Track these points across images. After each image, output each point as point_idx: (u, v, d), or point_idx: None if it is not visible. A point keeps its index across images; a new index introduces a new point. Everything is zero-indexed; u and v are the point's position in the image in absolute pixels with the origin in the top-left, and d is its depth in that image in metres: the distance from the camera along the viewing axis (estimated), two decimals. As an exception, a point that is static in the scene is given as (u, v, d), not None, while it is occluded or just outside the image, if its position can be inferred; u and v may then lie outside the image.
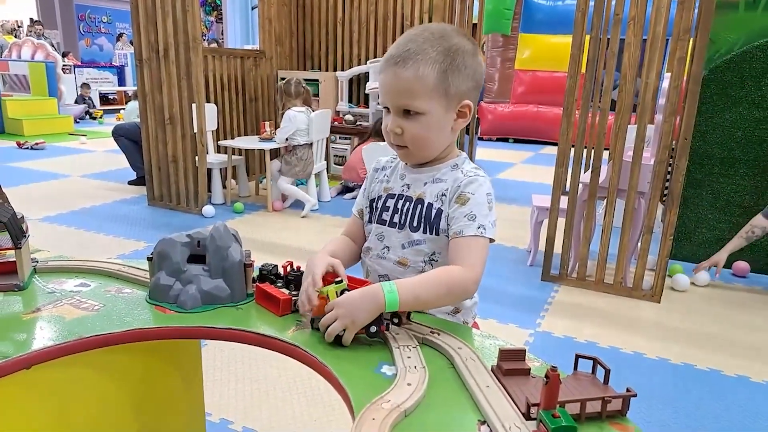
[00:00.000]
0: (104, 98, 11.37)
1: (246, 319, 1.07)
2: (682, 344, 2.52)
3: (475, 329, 1.08)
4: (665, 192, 3.30)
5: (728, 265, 3.41)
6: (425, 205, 1.12)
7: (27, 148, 7.22)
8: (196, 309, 1.09)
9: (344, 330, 0.94)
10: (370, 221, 1.23)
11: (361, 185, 5.02)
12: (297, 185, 5.02)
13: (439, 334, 1.00)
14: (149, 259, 1.15)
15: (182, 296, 1.10)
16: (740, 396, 2.13)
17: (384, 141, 1.18)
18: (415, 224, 1.13)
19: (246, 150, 5.05)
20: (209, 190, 4.63)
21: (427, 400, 0.82)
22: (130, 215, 4.40)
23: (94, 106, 10.73)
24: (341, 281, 1.01)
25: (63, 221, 4.17)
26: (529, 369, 0.87)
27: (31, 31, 12.33)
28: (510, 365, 0.87)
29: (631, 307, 2.92)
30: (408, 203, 1.15)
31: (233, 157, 4.73)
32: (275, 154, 4.90)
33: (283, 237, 3.86)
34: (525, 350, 0.89)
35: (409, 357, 0.92)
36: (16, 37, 12.48)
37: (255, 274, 1.19)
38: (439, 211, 1.10)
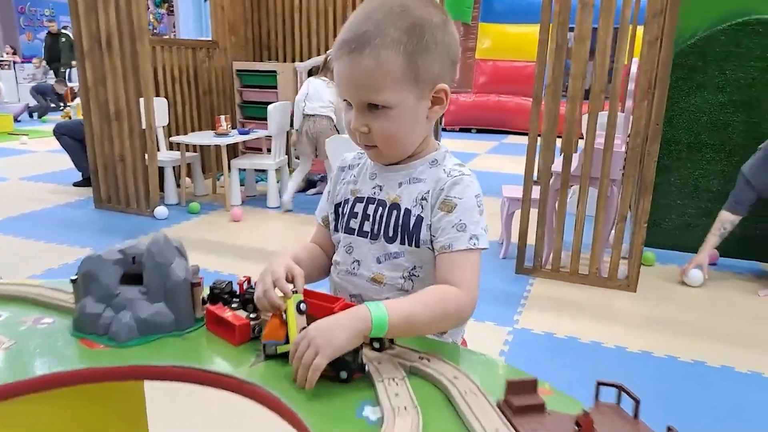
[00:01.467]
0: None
1: (194, 352, 0.88)
2: (662, 334, 2.46)
3: (465, 348, 0.92)
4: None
5: (692, 250, 3.40)
6: (402, 211, 0.95)
7: (-39, 149, 6.71)
8: (132, 341, 0.89)
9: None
10: (336, 230, 1.04)
11: (323, 175, 4.78)
12: (256, 181, 4.78)
13: (429, 360, 0.84)
14: (73, 282, 0.95)
15: (114, 326, 0.90)
16: (726, 387, 2.07)
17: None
18: (390, 234, 0.96)
19: (201, 146, 4.77)
20: (162, 190, 4.35)
21: (424, 453, 0.66)
22: (75, 220, 4.08)
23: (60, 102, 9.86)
24: (296, 292, 0.84)
25: (-1, 229, 3.83)
26: (544, 404, 0.72)
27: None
28: (521, 400, 0.71)
29: (607, 297, 2.85)
30: (381, 208, 0.97)
31: (187, 154, 4.45)
32: (232, 149, 4.66)
33: (244, 238, 3.64)
34: (536, 380, 0.74)
35: (396, 394, 0.75)
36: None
37: (205, 293, 1.00)
38: (419, 219, 0.93)
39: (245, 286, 0.97)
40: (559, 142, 2.92)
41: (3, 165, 5.97)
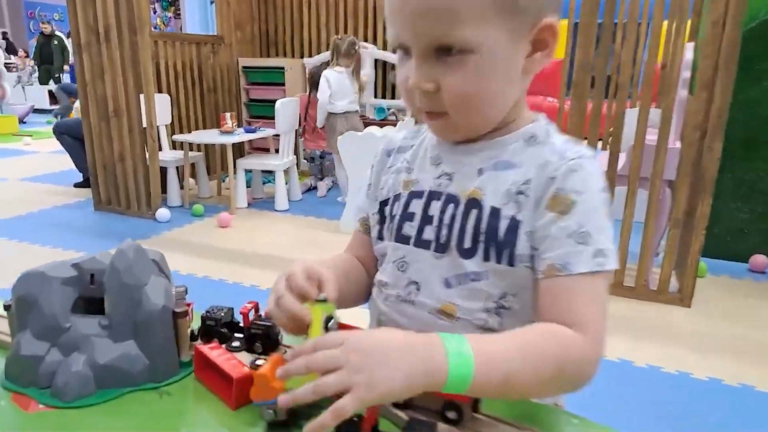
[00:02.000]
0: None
1: (176, 418, 0.59)
2: (729, 358, 2.14)
3: (580, 418, 0.63)
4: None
5: (745, 259, 3.07)
6: (485, 211, 0.65)
7: (-39, 150, 6.49)
8: (86, 399, 0.61)
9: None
10: (381, 237, 0.75)
11: (326, 153, 4.39)
12: (263, 183, 4.51)
13: (532, 441, 0.55)
14: (6, 309, 0.67)
15: (62, 376, 0.62)
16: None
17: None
18: (467, 244, 0.65)
19: (206, 146, 4.51)
20: (164, 192, 4.07)
21: None
22: (73, 222, 3.82)
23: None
24: (325, 300, 0.57)
25: (-8, 232, 3.58)
26: None
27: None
28: None
29: (659, 313, 2.53)
30: (452, 207, 0.67)
31: (191, 153, 4.18)
32: (238, 149, 4.39)
33: (252, 243, 3.36)
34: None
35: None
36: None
37: (196, 325, 0.71)
38: (515, 224, 0.64)
39: (251, 316, 0.69)
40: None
41: (4, 166, 5.74)
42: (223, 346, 0.66)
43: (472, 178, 0.67)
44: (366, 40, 4.86)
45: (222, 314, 0.71)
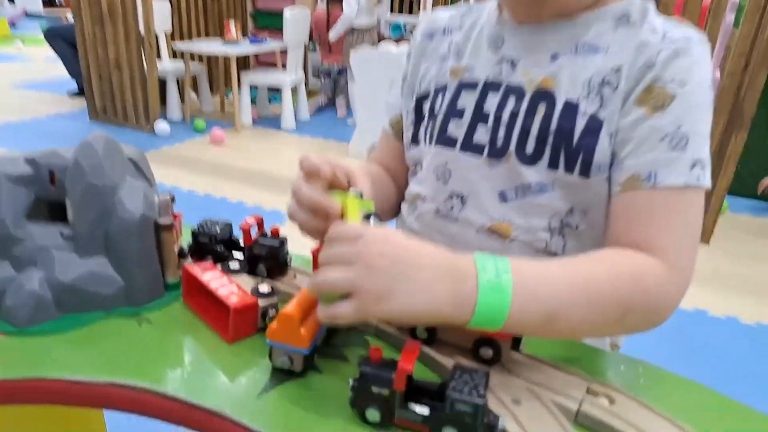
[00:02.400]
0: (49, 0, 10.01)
1: (158, 353, 0.47)
2: (746, 296, 2.07)
3: (658, 368, 0.51)
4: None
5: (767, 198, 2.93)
6: (559, 105, 0.51)
7: (-49, 54, 6.20)
8: (45, 325, 0.49)
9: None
10: (415, 140, 0.60)
11: (344, 69, 4.21)
12: (269, 101, 4.29)
13: (611, 401, 0.43)
14: (-52, 212, 0.53)
15: (12, 296, 0.49)
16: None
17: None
18: (531, 149, 0.52)
19: (208, 57, 4.24)
20: (163, 104, 3.87)
21: None
22: (67, 133, 3.65)
23: None
24: (360, 195, 0.46)
25: (-18, 139, 3.43)
26: None
27: None
28: None
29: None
30: (513, 100, 0.53)
31: (192, 64, 3.93)
32: (242, 62, 4.13)
33: (255, 162, 3.20)
34: None
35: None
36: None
37: (186, 241, 0.58)
38: (596, 123, 0.49)
39: (253, 233, 0.55)
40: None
41: (-5, 72, 5.50)
42: (219, 266, 0.53)
43: (543, 65, 0.52)
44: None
45: (218, 229, 0.57)
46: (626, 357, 0.51)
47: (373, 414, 0.39)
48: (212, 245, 0.57)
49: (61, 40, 4.38)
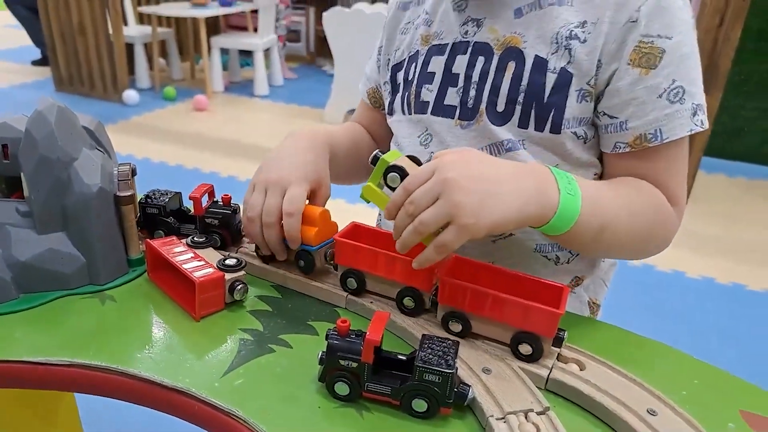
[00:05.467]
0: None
1: (121, 332, 0.46)
2: (723, 257, 2.11)
3: (629, 333, 0.51)
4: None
5: (742, 158, 2.99)
6: (527, 61, 0.50)
7: None
8: (3, 307, 0.47)
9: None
10: (392, 109, 0.60)
11: None
12: (241, 66, 4.17)
13: (581, 367, 0.43)
14: None
15: (-31, 276, 0.47)
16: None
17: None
18: (501, 106, 0.51)
19: (177, 21, 4.09)
20: (132, 72, 3.74)
21: None
22: (31, 103, 3.47)
23: None
24: (377, 157, 0.45)
25: (-58, 111, 3.28)
26: None
27: None
28: None
29: (654, 211, 2.47)
30: (482, 59, 0.52)
31: (160, 29, 3.79)
32: (213, 26, 4.00)
33: (228, 131, 3.13)
34: None
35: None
36: None
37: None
38: (566, 78, 0.49)
39: (205, 201, 0.54)
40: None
41: (-48, 39, 5.24)
42: (185, 241, 0.52)
43: (509, 22, 0.52)
44: None
45: (167, 199, 0.55)
46: (600, 322, 0.52)
47: (342, 387, 0.39)
48: (162, 216, 0.55)
49: (21, 5, 4.18)
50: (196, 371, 0.41)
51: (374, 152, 0.45)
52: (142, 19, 3.93)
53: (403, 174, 0.43)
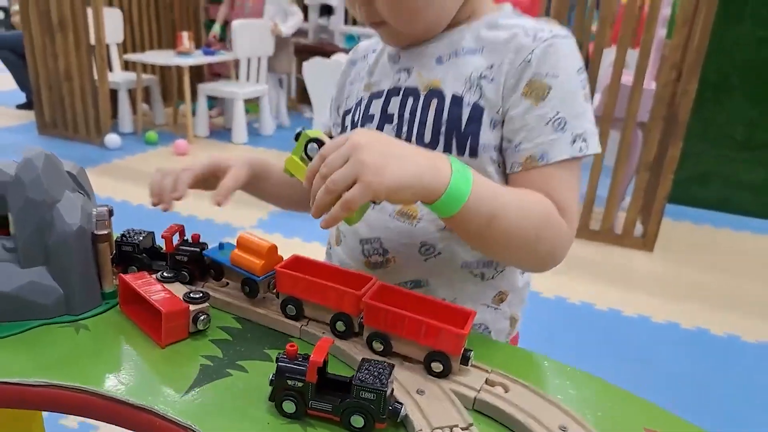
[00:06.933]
0: (5, 8, 9.62)
1: (94, 357, 0.50)
2: (688, 303, 2.17)
3: (556, 362, 0.57)
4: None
5: (707, 206, 3.12)
6: (447, 99, 0.60)
7: None
8: (-16, 334, 0.51)
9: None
10: None
11: None
12: (209, 107, 4.24)
13: (506, 389, 0.48)
14: None
15: (-46, 307, 0.51)
16: (765, 366, 1.80)
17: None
18: (428, 137, 0.61)
19: (161, 68, 4.21)
20: (115, 117, 3.82)
21: None
22: (16, 146, 3.54)
23: None
24: (299, 133, 0.53)
25: None
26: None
27: None
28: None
29: (623, 257, 2.54)
30: (411, 100, 0.62)
31: (144, 75, 3.90)
32: (196, 72, 4.12)
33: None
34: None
35: (462, 464, 0.40)
36: None
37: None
38: (478, 111, 0.59)
39: (175, 240, 0.59)
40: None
41: (-64, 82, 5.28)
42: (155, 276, 0.57)
43: (432, 69, 0.62)
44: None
45: (141, 238, 0.61)
46: (530, 352, 0.57)
47: (289, 405, 0.43)
48: (135, 253, 0.60)
49: (9, 51, 4.27)
50: (159, 392, 0.46)
51: (298, 129, 0.52)
52: (126, 65, 4.04)
53: (320, 145, 0.50)
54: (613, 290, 2.24)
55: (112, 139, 3.50)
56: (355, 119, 0.66)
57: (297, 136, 0.51)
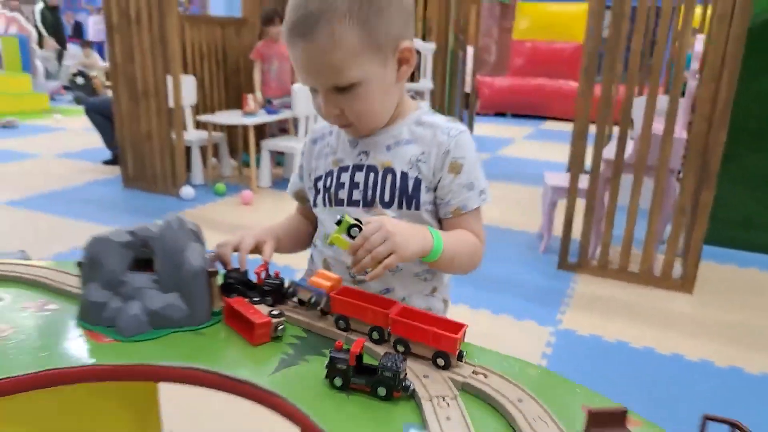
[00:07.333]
0: (85, 74, 10.75)
1: (210, 351, 0.76)
2: (723, 342, 2.23)
3: (526, 362, 0.77)
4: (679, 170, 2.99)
5: (751, 248, 3.16)
6: (397, 175, 0.91)
7: (-3, 126, 6.78)
8: (141, 336, 0.78)
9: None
10: (316, 204, 0.99)
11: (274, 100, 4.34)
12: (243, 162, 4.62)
13: (486, 376, 0.70)
14: (79, 265, 0.84)
15: (121, 318, 0.78)
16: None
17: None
18: (387, 199, 0.91)
19: (228, 126, 4.68)
20: (188, 170, 4.27)
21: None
22: (103, 198, 4.04)
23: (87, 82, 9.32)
24: (342, 218, 0.78)
25: (29, 205, 3.81)
26: (636, 440, 0.58)
27: (5, 5, 11.67)
28: (607, 435, 0.57)
29: (661, 298, 2.63)
30: (372, 174, 0.92)
31: (214, 133, 4.36)
32: (259, 130, 4.55)
33: (274, 221, 3.52)
34: (625, 411, 0.59)
35: (448, 418, 0.62)
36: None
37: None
38: (418, 182, 0.91)
39: (263, 275, 0.85)
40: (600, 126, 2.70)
41: (37, 142, 6.00)
42: (248, 300, 0.82)
43: (383, 153, 0.91)
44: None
45: (240, 275, 0.87)
46: (505, 354, 0.77)
47: (338, 380, 0.67)
48: (235, 285, 0.86)
49: (98, 114, 4.86)
50: (253, 372, 0.70)
51: (338, 216, 0.78)
52: (198, 125, 4.52)
53: (360, 228, 0.76)
54: (648, 329, 2.34)
55: (186, 191, 3.93)
56: (327, 185, 0.95)
57: (339, 222, 0.78)
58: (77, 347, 0.76)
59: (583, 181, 2.79)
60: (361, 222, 0.77)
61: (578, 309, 2.51)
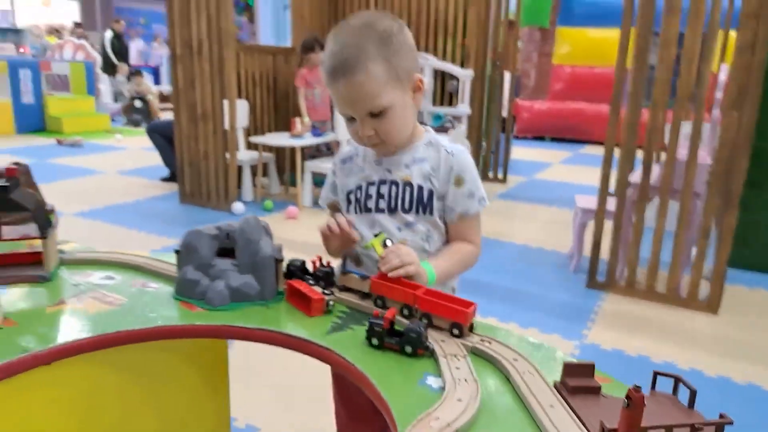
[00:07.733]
0: (141, 98, 11.49)
1: (276, 319, 0.98)
2: (744, 361, 2.31)
3: (525, 337, 0.96)
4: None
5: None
6: (415, 187, 1.13)
7: (66, 145, 7.36)
8: (224, 307, 1.00)
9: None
10: (348, 212, 1.21)
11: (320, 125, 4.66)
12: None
13: (490, 343, 0.89)
14: (177, 252, 1.07)
15: (210, 293, 1.01)
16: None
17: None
18: (407, 207, 1.13)
19: (276, 147, 5.00)
20: (239, 188, 4.59)
21: (481, 420, 0.72)
22: (162, 212, 4.39)
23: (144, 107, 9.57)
24: (380, 233, 1.04)
25: (97, 216, 4.19)
26: (600, 387, 0.76)
27: (72, 33, 12.62)
28: (577, 382, 0.75)
29: (685, 318, 2.72)
30: (394, 187, 1.14)
31: (264, 154, 4.69)
32: (306, 151, 4.85)
33: (313, 236, 3.78)
34: (593, 365, 0.77)
35: (457, 368, 0.81)
36: (58, 38, 12.77)
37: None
38: (431, 193, 1.12)
39: (317, 264, 1.07)
40: (638, 152, 2.85)
41: (102, 160, 6.50)
42: (306, 282, 1.04)
43: (403, 170, 1.14)
44: (426, 51, 5.23)
45: (299, 263, 1.09)
46: (506, 329, 0.96)
47: (375, 341, 0.87)
48: (296, 271, 1.08)
49: (159, 135, 5.27)
50: (311, 334, 0.91)
51: (378, 230, 1.05)
52: (249, 146, 4.85)
53: (392, 241, 1.02)
54: (670, 345, 2.44)
55: (237, 207, 4.24)
56: (358, 196, 1.17)
57: (377, 234, 1.03)
58: (175, 314, 1.00)
59: (612, 204, 2.93)
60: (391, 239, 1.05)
61: (603, 325, 2.63)
